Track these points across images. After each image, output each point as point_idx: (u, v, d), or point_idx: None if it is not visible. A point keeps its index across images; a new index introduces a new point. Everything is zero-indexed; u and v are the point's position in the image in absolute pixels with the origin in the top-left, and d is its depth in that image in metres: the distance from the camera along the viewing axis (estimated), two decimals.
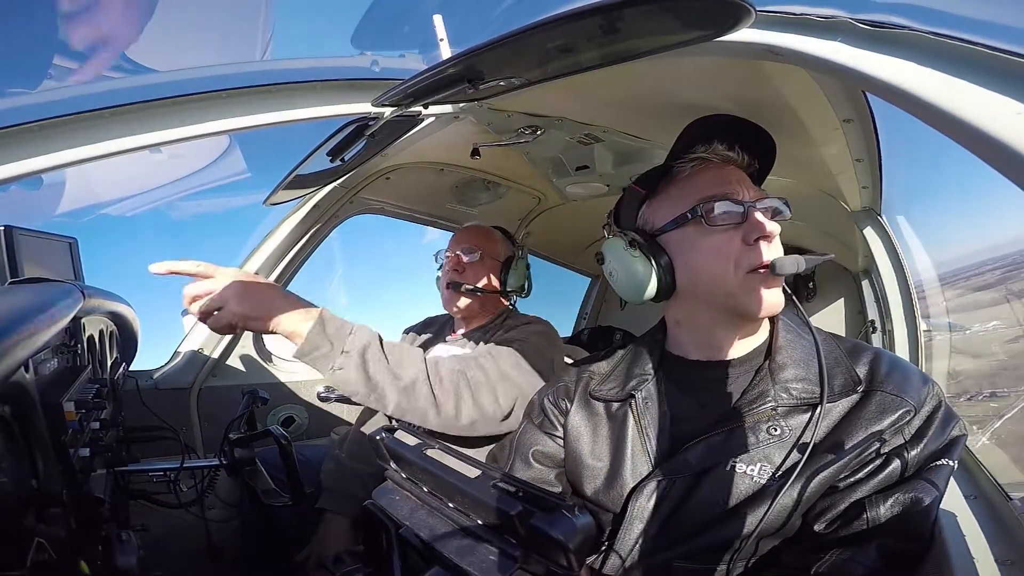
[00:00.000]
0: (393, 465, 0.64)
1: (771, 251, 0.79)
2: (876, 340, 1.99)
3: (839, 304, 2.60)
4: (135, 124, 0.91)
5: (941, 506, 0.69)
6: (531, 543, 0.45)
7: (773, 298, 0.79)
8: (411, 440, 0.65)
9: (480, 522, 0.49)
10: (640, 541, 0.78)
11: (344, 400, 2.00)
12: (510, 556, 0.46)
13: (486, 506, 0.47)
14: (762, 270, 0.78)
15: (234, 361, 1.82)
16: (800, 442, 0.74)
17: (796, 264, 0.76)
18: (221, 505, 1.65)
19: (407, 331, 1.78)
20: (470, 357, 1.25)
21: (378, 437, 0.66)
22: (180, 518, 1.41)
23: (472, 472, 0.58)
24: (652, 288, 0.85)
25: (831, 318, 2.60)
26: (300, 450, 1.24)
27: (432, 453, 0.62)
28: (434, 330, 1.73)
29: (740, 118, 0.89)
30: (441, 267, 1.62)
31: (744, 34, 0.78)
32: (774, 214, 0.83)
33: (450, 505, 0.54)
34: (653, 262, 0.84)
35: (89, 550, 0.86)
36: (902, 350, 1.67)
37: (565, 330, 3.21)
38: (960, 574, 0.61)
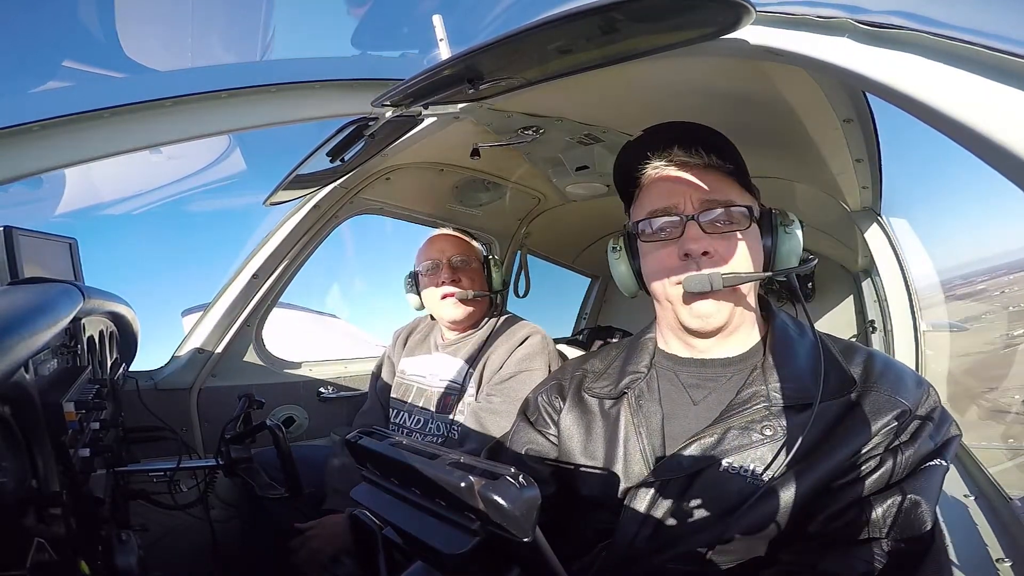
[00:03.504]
0: (368, 465, 0.66)
1: (704, 265, 0.78)
2: (876, 340, 1.99)
3: (839, 304, 2.60)
4: (135, 124, 0.91)
5: (941, 506, 0.69)
6: (486, 514, 0.48)
7: (702, 310, 0.80)
8: (381, 438, 0.66)
9: (443, 503, 0.53)
10: (634, 542, 0.78)
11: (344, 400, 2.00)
12: (469, 529, 0.50)
13: (446, 485, 0.51)
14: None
15: (234, 362, 1.81)
16: (794, 442, 0.74)
17: (708, 282, 0.76)
18: (221, 505, 1.65)
19: (397, 332, 1.78)
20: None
21: (352, 440, 0.67)
22: (180, 518, 1.41)
23: (434, 457, 0.62)
24: (629, 287, 0.91)
25: (831, 318, 2.60)
26: (300, 450, 1.24)
27: (400, 447, 0.65)
28: (420, 336, 1.72)
29: (688, 122, 0.87)
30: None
31: (744, 34, 0.78)
32: (728, 222, 0.81)
33: (416, 491, 0.57)
34: (631, 263, 0.90)
35: (89, 550, 0.86)
36: (902, 350, 1.66)
37: (565, 330, 3.22)
38: (960, 574, 0.61)
